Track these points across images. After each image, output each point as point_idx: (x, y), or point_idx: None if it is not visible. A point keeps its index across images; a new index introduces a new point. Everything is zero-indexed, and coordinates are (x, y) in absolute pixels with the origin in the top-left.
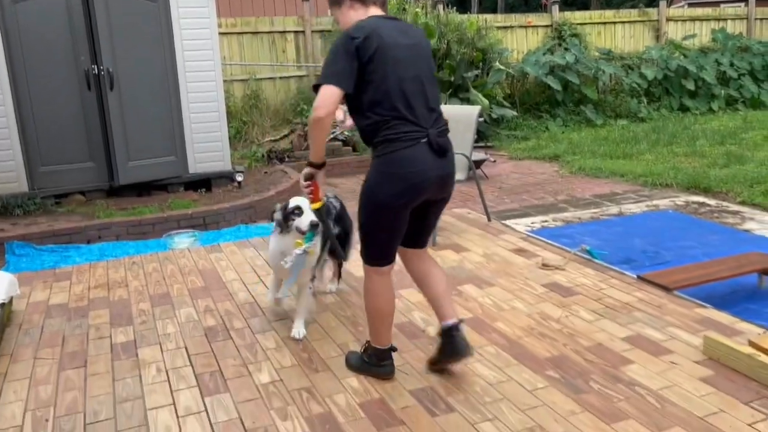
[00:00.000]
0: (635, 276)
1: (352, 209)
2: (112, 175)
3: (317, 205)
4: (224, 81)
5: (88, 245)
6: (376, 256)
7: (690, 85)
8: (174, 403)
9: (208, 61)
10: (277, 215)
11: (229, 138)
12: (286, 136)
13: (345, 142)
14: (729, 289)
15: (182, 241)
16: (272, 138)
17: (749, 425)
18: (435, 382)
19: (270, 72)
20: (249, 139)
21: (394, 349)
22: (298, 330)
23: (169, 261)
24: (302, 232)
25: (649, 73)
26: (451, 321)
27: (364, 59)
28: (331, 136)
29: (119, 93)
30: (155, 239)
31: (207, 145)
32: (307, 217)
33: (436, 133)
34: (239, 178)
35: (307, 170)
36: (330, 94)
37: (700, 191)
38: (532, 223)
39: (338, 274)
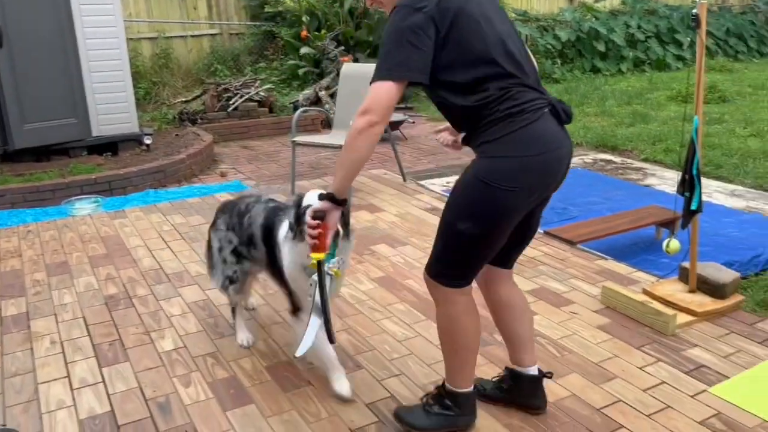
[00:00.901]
0: (542, 231)
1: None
2: (6, 138)
3: (320, 256)
4: (130, 39)
5: None
6: (462, 273)
7: (601, 47)
8: (68, 376)
9: (108, 17)
10: (288, 216)
11: (138, 99)
12: (198, 96)
13: (261, 103)
14: (630, 242)
15: (83, 207)
16: (184, 99)
17: (640, 368)
18: (344, 341)
19: (180, 30)
20: (159, 100)
21: (482, 391)
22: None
23: (69, 228)
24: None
25: (563, 34)
26: (532, 369)
27: (443, 29)
28: (247, 95)
29: (10, 50)
30: (55, 206)
31: (111, 107)
32: (334, 213)
33: (555, 99)
34: (147, 140)
35: (321, 204)
36: (387, 92)
37: (607, 149)
38: (448, 182)
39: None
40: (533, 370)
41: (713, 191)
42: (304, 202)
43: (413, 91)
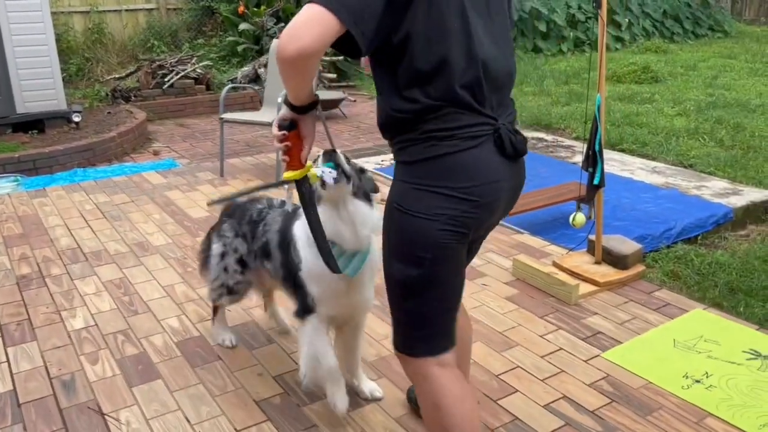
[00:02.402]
0: None
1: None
2: None
3: (295, 174)
4: (61, 13)
5: None
6: (434, 337)
7: (542, 27)
8: None
9: None
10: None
11: (70, 76)
12: (132, 73)
13: (197, 80)
14: (551, 217)
15: (2, 186)
16: (117, 76)
17: (540, 336)
18: (258, 317)
19: (115, 4)
20: (93, 77)
21: (410, 396)
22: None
23: None
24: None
25: None
26: None
27: None
28: (183, 72)
29: None
30: None
31: (37, 83)
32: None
33: (509, 127)
34: (76, 118)
35: (283, 113)
36: (316, 21)
37: (541, 128)
38: (382, 160)
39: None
40: None
41: (636, 168)
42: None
43: (356, 70)
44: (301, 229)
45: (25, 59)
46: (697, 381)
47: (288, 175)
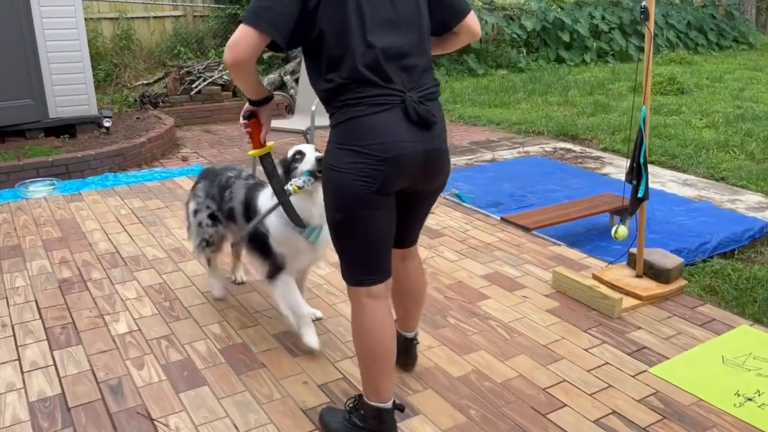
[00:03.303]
0: (499, 218)
1: None
2: None
3: (259, 151)
4: (90, 19)
5: None
6: (360, 270)
7: (566, 37)
8: (19, 359)
9: None
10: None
11: (99, 81)
12: (160, 79)
13: (224, 87)
14: (584, 229)
15: (38, 190)
16: (146, 82)
17: (585, 350)
18: None
19: (143, 11)
20: (121, 82)
21: (400, 408)
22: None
23: (23, 211)
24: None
25: (529, 24)
26: (412, 333)
27: (311, 3)
28: (210, 79)
29: None
30: (9, 189)
31: (69, 88)
32: (311, 155)
33: (417, 98)
34: (107, 123)
35: (246, 107)
36: (244, 37)
37: (568, 138)
38: None
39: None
40: (410, 334)
41: (667, 180)
42: (289, 153)
43: None
44: (265, 204)
45: (59, 65)
46: (750, 399)
47: (252, 153)
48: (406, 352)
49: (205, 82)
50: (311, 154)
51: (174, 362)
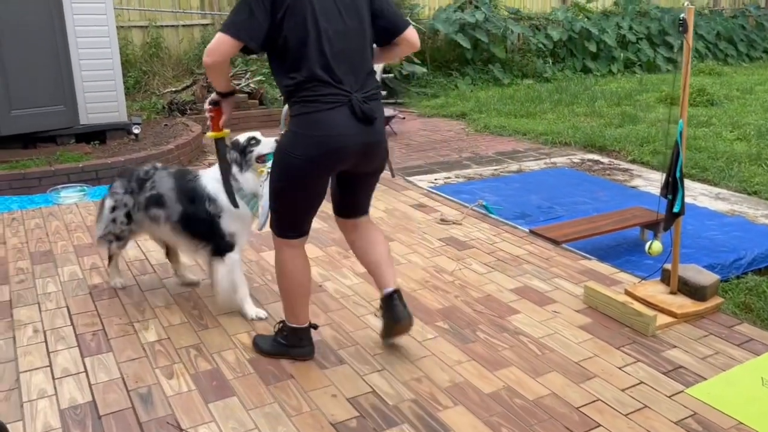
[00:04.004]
0: (527, 230)
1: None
2: None
3: (216, 134)
4: (121, 27)
5: None
6: (286, 226)
7: (592, 47)
8: (50, 365)
9: (98, 4)
10: (232, 155)
11: (128, 88)
12: (188, 87)
13: (251, 95)
14: (614, 242)
15: (69, 195)
16: (174, 89)
17: (619, 368)
18: (327, 336)
19: (172, 19)
20: (149, 89)
21: (314, 326)
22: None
23: (54, 217)
24: (263, 161)
25: (555, 34)
26: (389, 289)
27: (278, 13)
28: (237, 88)
29: None
30: (41, 194)
31: (100, 95)
32: (269, 139)
33: (362, 98)
34: (136, 130)
35: (213, 96)
36: (222, 43)
37: (595, 150)
38: (435, 179)
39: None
40: (387, 290)
41: (698, 194)
42: (242, 138)
43: (404, 87)
44: (215, 187)
45: (90, 72)
46: None
47: (210, 134)
48: (391, 309)
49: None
50: (268, 139)
51: (203, 372)
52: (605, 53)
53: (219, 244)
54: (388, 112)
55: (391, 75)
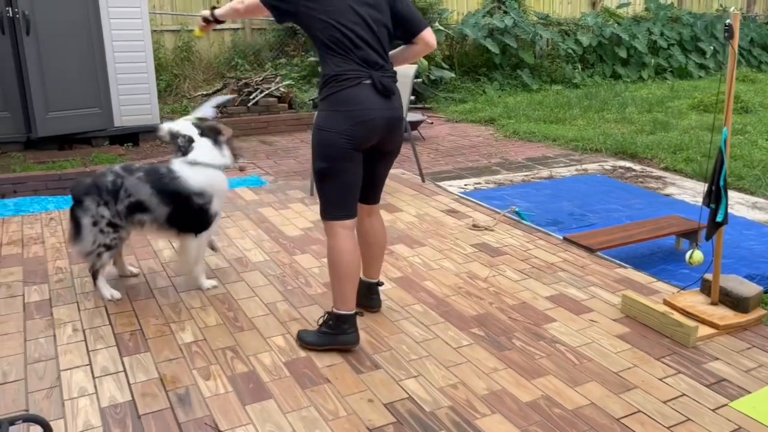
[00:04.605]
0: (561, 237)
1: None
2: (30, 126)
3: (200, 34)
4: (153, 31)
5: (2, 200)
6: (336, 207)
7: (622, 53)
8: (90, 364)
9: (134, 8)
10: (182, 141)
11: (160, 91)
12: (219, 90)
13: (280, 99)
14: (648, 251)
15: None
16: (204, 92)
17: (660, 380)
18: (363, 341)
19: None
20: (180, 93)
21: (360, 314)
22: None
23: None
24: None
25: (585, 39)
26: (375, 279)
27: None
28: (267, 91)
29: (36, 38)
30: None
31: (134, 98)
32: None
33: (380, 75)
34: None
35: (210, 14)
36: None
37: (627, 156)
38: (465, 185)
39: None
40: (373, 280)
41: (735, 203)
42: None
43: (432, 92)
44: (198, 178)
45: (126, 75)
46: None
47: (197, 33)
48: (369, 295)
49: (262, 94)
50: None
51: (240, 374)
52: (636, 59)
53: (202, 226)
54: (415, 116)
55: (419, 80)
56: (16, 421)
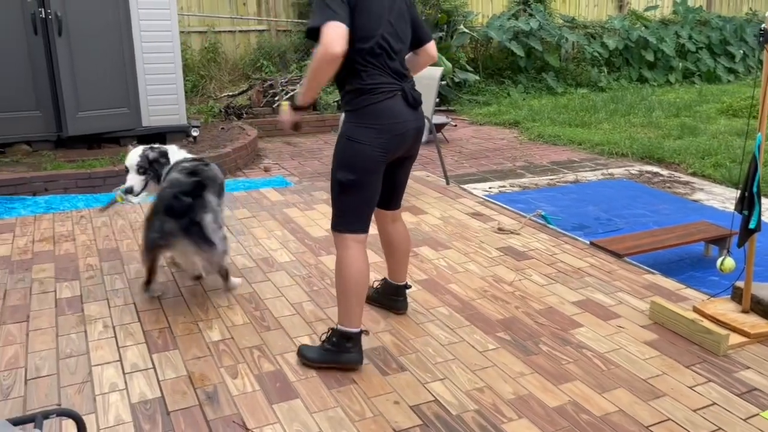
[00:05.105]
0: (588, 242)
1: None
2: (61, 125)
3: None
4: (181, 32)
5: (34, 197)
6: (355, 219)
7: (649, 57)
8: (120, 360)
9: (164, 10)
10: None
11: (186, 92)
12: (244, 91)
13: None
14: (677, 257)
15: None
16: (230, 93)
17: (690, 388)
18: (388, 342)
19: (229, 25)
20: (206, 93)
21: (365, 332)
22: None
23: (120, 216)
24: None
25: (611, 42)
26: (403, 282)
27: (351, 3)
28: (292, 92)
29: (68, 39)
30: (106, 193)
31: (162, 98)
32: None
33: (410, 87)
34: (195, 133)
35: (294, 118)
36: (339, 29)
37: (654, 161)
38: (490, 188)
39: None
40: (400, 282)
41: (765, 209)
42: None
43: (456, 95)
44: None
45: (154, 75)
46: None
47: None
48: (396, 297)
49: (288, 95)
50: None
51: (266, 373)
52: (663, 63)
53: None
54: (439, 119)
55: (443, 82)
56: (50, 415)
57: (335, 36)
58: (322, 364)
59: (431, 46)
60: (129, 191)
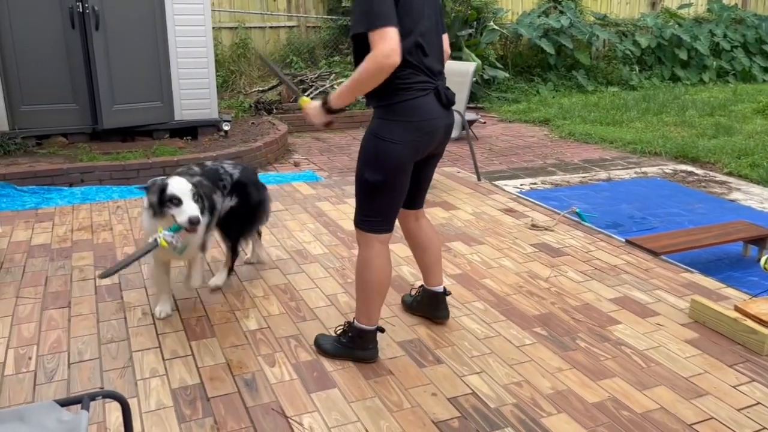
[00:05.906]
0: (623, 240)
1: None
2: (96, 118)
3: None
4: (212, 28)
5: (71, 188)
6: (381, 220)
7: (683, 55)
8: (160, 346)
9: (197, 5)
10: (152, 197)
11: (217, 87)
12: (274, 87)
13: None
14: (714, 257)
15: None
16: (260, 89)
17: (733, 387)
18: (423, 335)
19: (260, 21)
20: (236, 88)
21: (381, 330)
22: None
23: None
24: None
25: (643, 40)
26: (440, 287)
27: (397, 5)
28: (321, 88)
29: (105, 33)
30: (140, 185)
31: (194, 92)
32: (187, 212)
33: (443, 85)
34: (226, 127)
35: (326, 119)
36: (395, 35)
37: (688, 161)
38: (521, 184)
39: (229, 265)
40: (438, 289)
41: None
42: (168, 191)
43: (485, 92)
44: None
45: (187, 70)
46: None
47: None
48: (437, 305)
49: (317, 91)
50: (189, 207)
51: (304, 362)
52: (696, 61)
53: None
54: (469, 116)
55: (473, 79)
56: (96, 397)
57: (394, 45)
58: (336, 356)
59: (444, 39)
60: (194, 222)
